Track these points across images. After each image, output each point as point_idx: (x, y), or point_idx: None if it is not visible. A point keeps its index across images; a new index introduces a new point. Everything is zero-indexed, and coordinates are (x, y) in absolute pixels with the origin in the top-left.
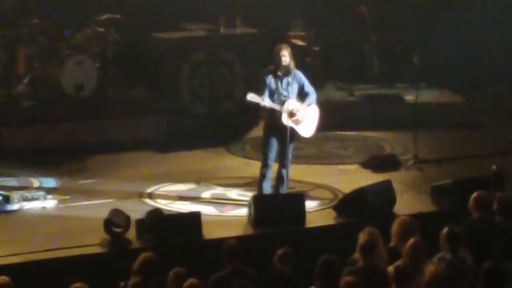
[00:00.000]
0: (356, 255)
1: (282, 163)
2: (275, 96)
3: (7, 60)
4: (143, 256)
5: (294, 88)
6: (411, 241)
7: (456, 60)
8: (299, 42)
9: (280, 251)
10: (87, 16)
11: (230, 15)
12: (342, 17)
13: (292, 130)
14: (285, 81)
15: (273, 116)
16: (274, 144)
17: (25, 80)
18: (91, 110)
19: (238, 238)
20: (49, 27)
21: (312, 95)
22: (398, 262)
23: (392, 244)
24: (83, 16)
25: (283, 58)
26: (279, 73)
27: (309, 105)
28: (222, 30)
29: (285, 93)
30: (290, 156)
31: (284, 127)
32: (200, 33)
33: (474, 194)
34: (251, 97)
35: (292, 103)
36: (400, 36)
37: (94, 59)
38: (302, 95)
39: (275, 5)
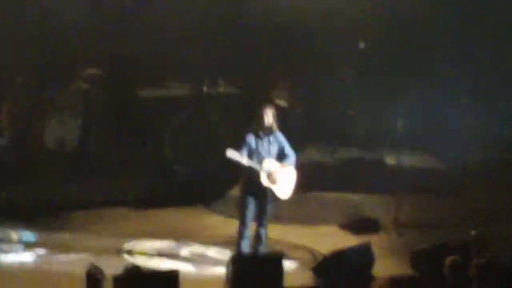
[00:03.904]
0: None
1: (260, 223)
2: (255, 155)
3: None
4: None
5: (274, 149)
6: None
7: (438, 126)
8: (282, 103)
9: None
10: (72, 72)
11: (214, 74)
12: (325, 79)
13: (270, 190)
14: (266, 141)
15: (251, 175)
16: (252, 203)
17: (8, 135)
18: (73, 166)
19: None
20: (33, 85)
21: (292, 157)
22: None
23: None
24: (67, 72)
25: (266, 118)
26: (261, 133)
27: (287, 167)
28: (205, 89)
29: (264, 153)
30: (268, 216)
31: (261, 187)
32: (184, 91)
33: (448, 260)
34: (231, 154)
35: (270, 163)
36: (384, 100)
37: (77, 115)
38: (281, 157)
39: (258, 65)
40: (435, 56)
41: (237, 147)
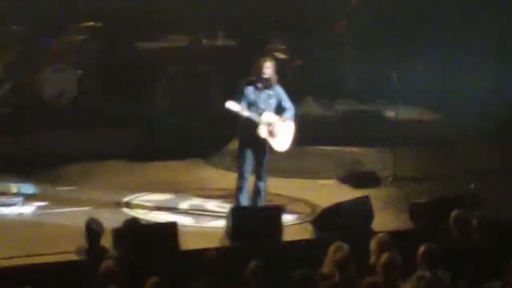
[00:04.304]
0: (327, 270)
1: (259, 176)
2: (253, 108)
3: None
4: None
5: (273, 102)
6: (384, 257)
7: (434, 81)
8: (281, 55)
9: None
10: (68, 23)
11: (212, 26)
12: (321, 31)
13: (268, 143)
14: (264, 93)
15: (249, 128)
16: (250, 156)
17: (4, 87)
18: (70, 119)
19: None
20: (29, 34)
21: (290, 110)
22: (372, 278)
23: (371, 261)
24: (64, 23)
25: (265, 70)
26: (259, 85)
27: (285, 120)
28: (203, 41)
29: (263, 105)
30: (266, 169)
31: (260, 139)
32: (181, 44)
33: (454, 213)
34: (230, 105)
35: (269, 116)
36: (379, 53)
37: (73, 67)
38: (279, 110)
39: (255, 17)
40: (433, 10)
41: (236, 100)
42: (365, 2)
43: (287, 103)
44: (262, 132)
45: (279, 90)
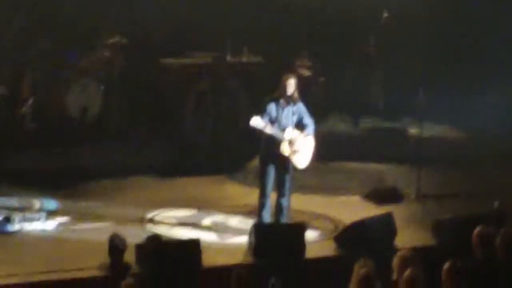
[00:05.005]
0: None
1: (281, 193)
2: (275, 124)
3: (12, 82)
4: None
5: (294, 118)
6: (407, 273)
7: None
8: (305, 72)
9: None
10: (94, 39)
11: (238, 43)
12: (348, 49)
13: (290, 160)
14: (287, 110)
15: (272, 145)
16: (272, 172)
17: (29, 102)
18: (94, 134)
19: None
20: (55, 49)
21: (311, 126)
22: None
23: (394, 277)
24: (90, 39)
25: (288, 88)
26: (282, 102)
27: (306, 136)
28: (228, 58)
29: (285, 122)
30: (288, 185)
31: (282, 156)
32: (206, 60)
33: (477, 229)
34: (255, 121)
35: (292, 133)
36: (406, 71)
37: (98, 83)
38: (300, 126)
39: (282, 34)
40: (459, 26)
41: (260, 116)
42: (393, 20)
43: (308, 119)
44: (286, 149)
45: (301, 107)
